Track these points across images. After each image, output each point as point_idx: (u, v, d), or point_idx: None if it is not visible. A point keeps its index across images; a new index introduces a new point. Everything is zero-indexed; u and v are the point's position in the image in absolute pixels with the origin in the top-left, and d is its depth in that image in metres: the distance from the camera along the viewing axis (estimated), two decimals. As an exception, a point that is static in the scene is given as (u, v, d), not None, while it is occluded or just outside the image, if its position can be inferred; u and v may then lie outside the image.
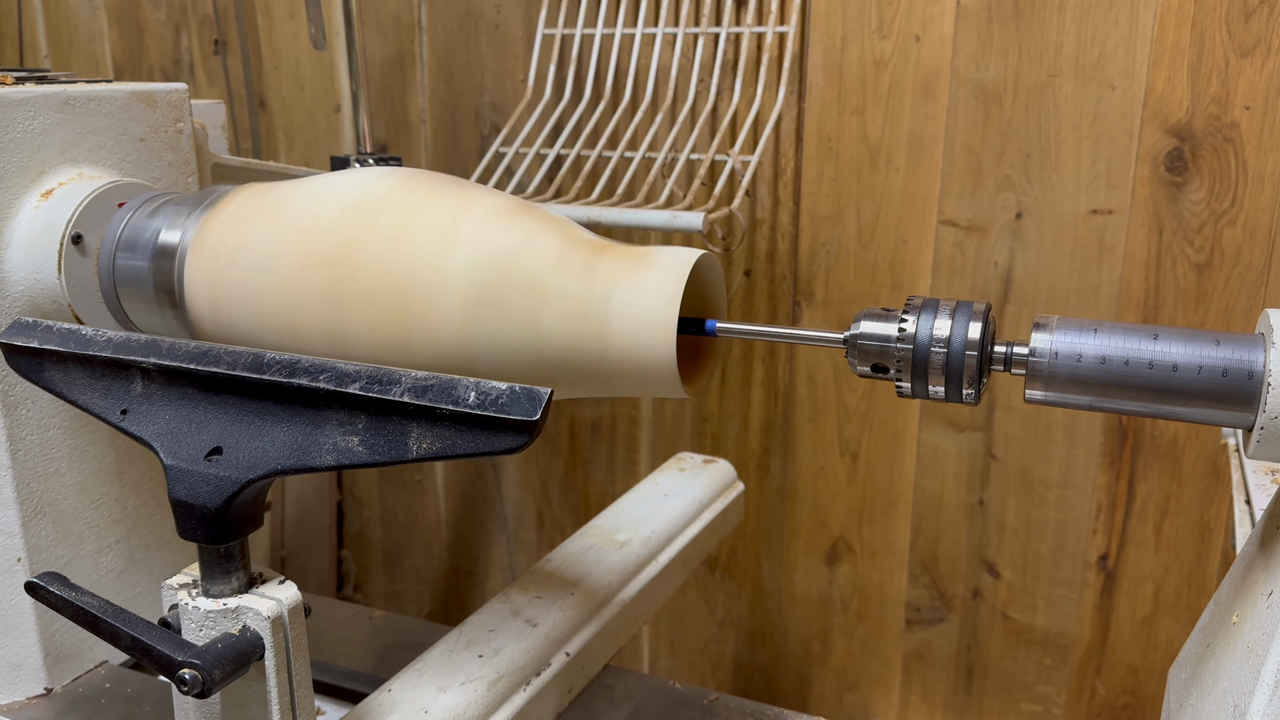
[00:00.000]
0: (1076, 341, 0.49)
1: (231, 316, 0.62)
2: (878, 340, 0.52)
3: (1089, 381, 0.49)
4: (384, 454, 0.51)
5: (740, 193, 1.13)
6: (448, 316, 0.56)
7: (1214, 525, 1.09)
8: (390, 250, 0.57)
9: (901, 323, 0.52)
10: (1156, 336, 0.48)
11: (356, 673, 0.92)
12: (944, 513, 1.20)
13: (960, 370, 0.51)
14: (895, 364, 0.52)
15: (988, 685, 1.23)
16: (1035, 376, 0.50)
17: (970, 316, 0.51)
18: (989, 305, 0.52)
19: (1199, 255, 1.03)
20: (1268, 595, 0.48)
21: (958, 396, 0.52)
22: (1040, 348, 0.49)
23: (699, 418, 1.31)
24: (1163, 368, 0.47)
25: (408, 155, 1.39)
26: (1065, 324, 0.50)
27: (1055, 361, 0.49)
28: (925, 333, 0.51)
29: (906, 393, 0.52)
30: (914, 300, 0.52)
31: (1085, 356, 0.48)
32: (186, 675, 0.51)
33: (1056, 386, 0.49)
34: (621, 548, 0.85)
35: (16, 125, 0.71)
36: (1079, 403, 0.49)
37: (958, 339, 0.51)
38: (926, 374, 0.51)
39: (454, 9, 1.32)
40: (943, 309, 0.51)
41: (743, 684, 1.37)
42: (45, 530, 0.77)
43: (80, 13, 1.58)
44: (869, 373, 0.53)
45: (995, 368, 0.51)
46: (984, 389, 0.52)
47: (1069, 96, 1.04)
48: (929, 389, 0.52)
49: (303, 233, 0.59)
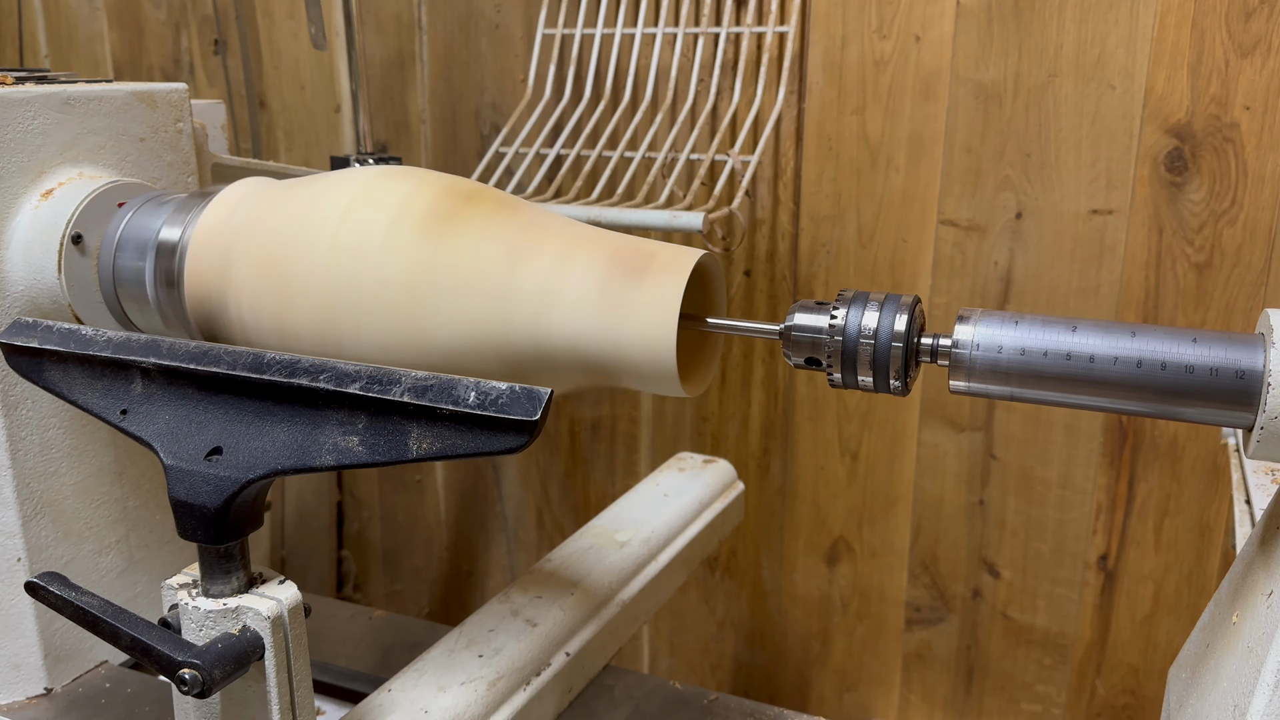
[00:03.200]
0: (997, 333, 0.50)
1: (234, 314, 0.62)
2: (810, 332, 0.54)
3: (1009, 372, 0.50)
4: (384, 454, 0.51)
5: (740, 193, 1.13)
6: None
7: (1214, 525, 1.09)
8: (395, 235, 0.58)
9: (833, 316, 0.53)
10: (1075, 329, 0.49)
11: (356, 673, 0.92)
12: (944, 513, 1.20)
13: (887, 361, 0.52)
14: (826, 355, 0.53)
15: (988, 685, 1.23)
16: (958, 368, 0.51)
17: (898, 309, 0.52)
18: (917, 298, 0.53)
19: (1199, 255, 1.03)
20: (1268, 595, 0.48)
21: (885, 387, 0.53)
22: (962, 339, 0.50)
23: (699, 418, 1.31)
24: (1080, 359, 0.48)
25: (408, 155, 1.39)
26: (987, 316, 0.51)
27: (976, 353, 0.50)
28: (854, 325, 0.52)
29: (838, 383, 0.54)
30: (845, 293, 0.54)
31: (1005, 348, 0.50)
32: (186, 675, 0.51)
33: (977, 377, 0.51)
34: (621, 548, 0.85)
35: (16, 125, 0.71)
36: (1000, 393, 0.51)
37: (884, 331, 0.52)
38: (855, 365, 0.53)
39: (454, 9, 1.32)
40: (872, 301, 0.53)
41: (743, 684, 1.37)
42: (45, 530, 0.77)
43: (80, 13, 1.58)
44: (803, 364, 0.54)
45: (923, 359, 0.53)
46: (912, 380, 0.53)
47: (1069, 96, 1.04)
48: (858, 379, 0.53)
49: (304, 226, 0.59)
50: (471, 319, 0.56)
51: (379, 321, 0.57)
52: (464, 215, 0.58)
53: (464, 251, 0.56)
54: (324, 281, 0.58)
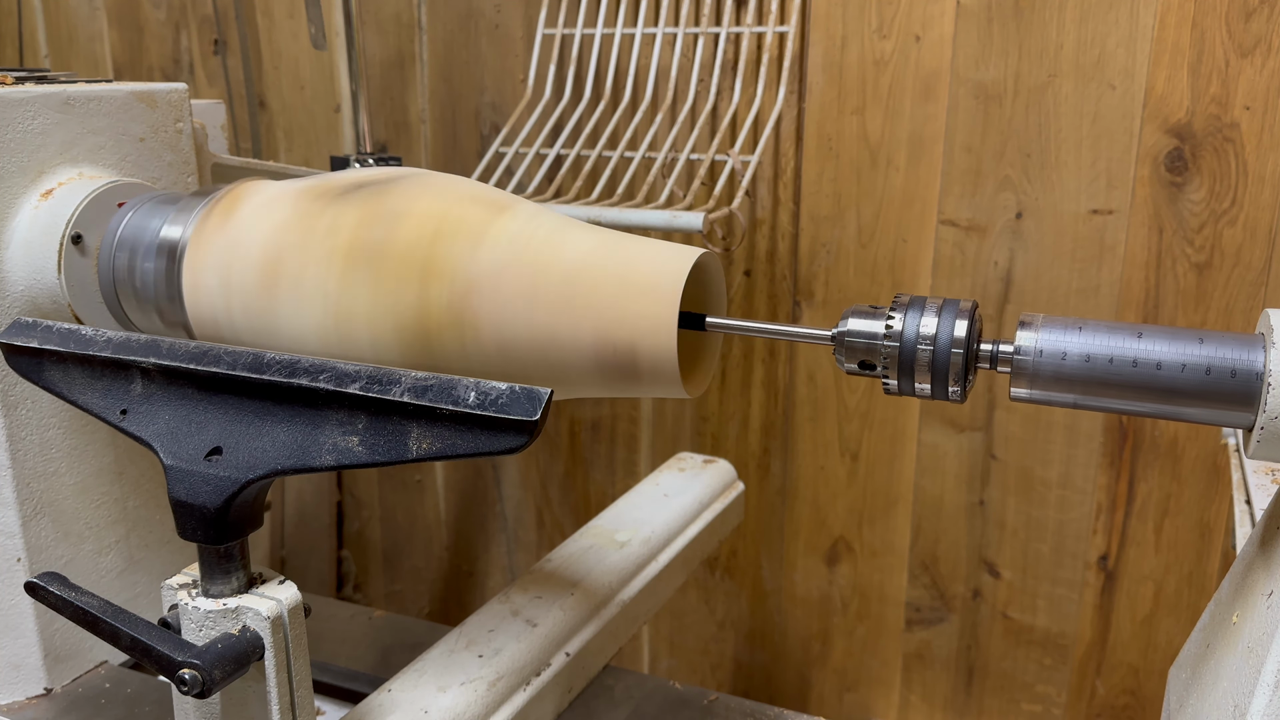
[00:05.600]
0: (1061, 339, 0.49)
1: (232, 312, 0.62)
2: (865, 338, 0.52)
3: (1073, 380, 0.49)
4: (384, 454, 0.51)
5: (740, 193, 1.13)
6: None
7: (1214, 525, 1.09)
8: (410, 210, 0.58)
9: (889, 320, 0.52)
10: (1140, 335, 0.48)
11: (356, 673, 0.92)
12: (944, 513, 1.20)
13: (946, 368, 0.51)
14: (882, 361, 0.52)
15: (988, 685, 1.23)
16: (1020, 374, 0.50)
17: (957, 314, 0.51)
18: (975, 304, 0.52)
19: (1199, 255, 1.03)
20: (1268, 595, 0.48)
21: (943, 394, 0.52)
22: (1025, 345, 0.49)
23: (699, 418, 1.31)
24: (1147, 365, 0.47)
25: (407, 155, 1.39)
26: (1050, 322, 0.50)
27: (1040, 360, 0.49)
28: (912, 330, 0.51)
29: (893, 390, 0.53)
30: (901, 298, 0.53)
31: (1070, 355, 0.49)
32: (186, 675, 0.51)
33: (1041, 384, 0.49)
34: (621, 548, 0.85)
35: (16, 125, 0.71)
36: (1064, 400, 0.50)
37: (944, 337, 0.51)
38: (913, 371, 0.52)
39: (454, 9, 1.32)
40: (929, 307, 0.52)
41: (743, 684, 1.37)
42: (45, 530, 0.77)
43: (80, 13, 1.58)
44: (856, 370, 0.53)
45: (981, 365, 0.52)
46: (970, 387, 0.52)
47: (1069, 96, 1.04)
48: (915, 386, 0.52)
49: (306, 216, 0.59)
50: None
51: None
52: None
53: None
54: (327, 286, 0.58)
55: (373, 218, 0.58)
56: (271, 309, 0.59)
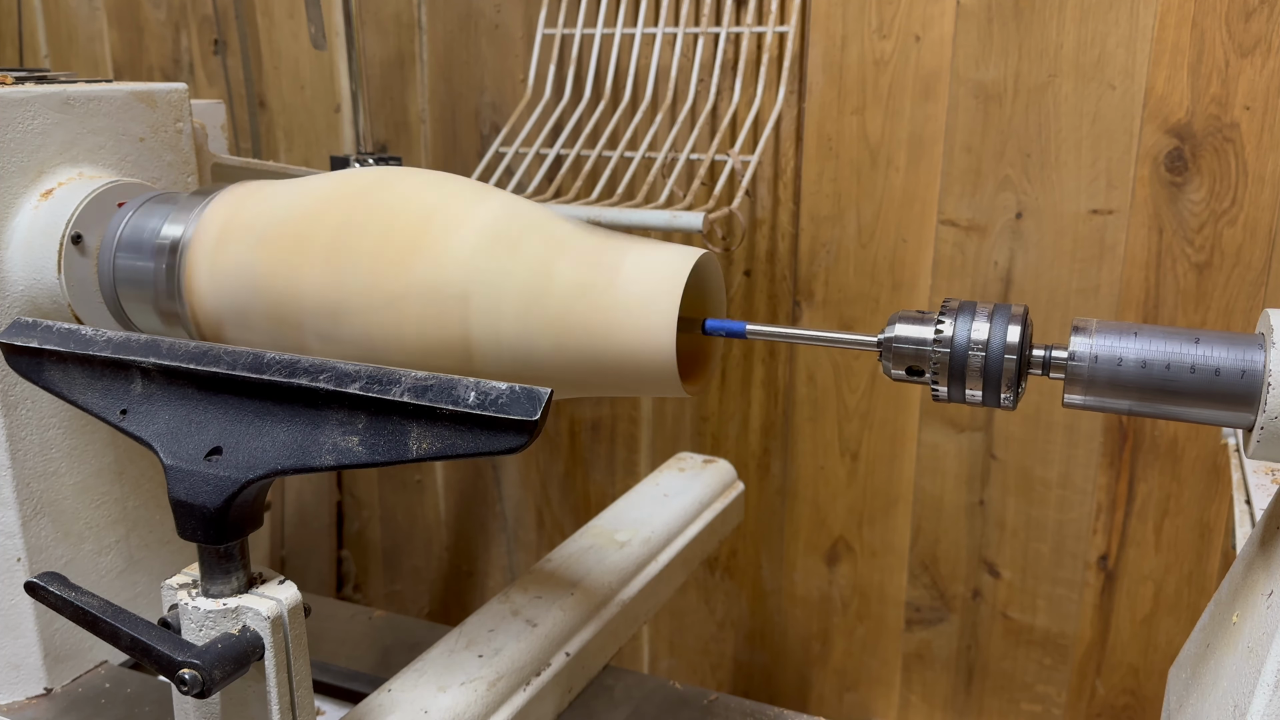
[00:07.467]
0: (1117, 345, 0.48)
1: (231, 307, 0.62)
2: (913, 343, 0.51)
3: (1129, 386, 0.48)
4: (384, 454, 0.51)
5: (740, 193, 1.13)
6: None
7: (1214, 525, 1.09)
8: (406, 197, 0.58)
9: (939, 326, 0.51)
10: (1198, 341, 0.47)
11: (356, 673, 0.92)
12: (944, 513, 1.20)
13: (999, 374, 0.50)
14: (931, 367, 0.51)
15: (988, 685, 1.23)
16: (1075, 381, 0.49)
17: (1009, 319, 0.50)
18: (1026, 308, 0.51)
19: (1199, 255, 1.03)
20: (1268, 595, 0.48)
21: (995, 400, 0.51)
22: (1080, 351, 0.48)
23: (699, 418, 1.31)
24: (1205, 371, 0.47)
25: (408, 155, 1.39)
26: (1105, 327, 0.49)
27: (1095, 366, 0.48)
28: (963, 336, 0.50)
29: (942, 396, 0.51)
30: (950, 303, 0.51)
31: (1126, 360, 0.48)
32: (186, 675, 0.51)
33: (1096, 391, 0.49)
34: (621, 548, 0.85)
35: (16, 125, 0.71)
36: (1118, 407, 0.49)
37: (996, 342, 0.50)
38: (964, 377, 0.50)
39: (454, 9, 1.32)
40: (980, 312, 0.51)
41: (743, 684, 1.37)
42: (45, 530, 0.77)
43: (80, 13, 1.58)
44: (904, 376, 0.52)
45: (1033, 372, 0.50)
46: (1021, 393, 0.51)
47: (1069, 96, 1.04)
48: (966, 393, 0.51)
49: (304, 205, 0.60)
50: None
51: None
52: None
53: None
54: (327, 283, 0.58)
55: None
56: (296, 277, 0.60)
